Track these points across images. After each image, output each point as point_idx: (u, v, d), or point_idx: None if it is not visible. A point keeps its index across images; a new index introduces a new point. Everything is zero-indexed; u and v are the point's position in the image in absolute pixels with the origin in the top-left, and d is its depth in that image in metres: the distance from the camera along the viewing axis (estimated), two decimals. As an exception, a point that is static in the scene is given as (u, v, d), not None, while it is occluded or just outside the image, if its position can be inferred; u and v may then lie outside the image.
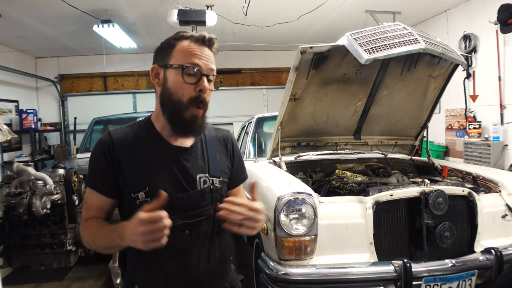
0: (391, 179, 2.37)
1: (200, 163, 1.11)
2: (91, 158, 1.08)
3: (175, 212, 1.01)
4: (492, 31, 4.31)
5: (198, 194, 1.07)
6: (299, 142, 2.79)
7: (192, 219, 1.04)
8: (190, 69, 1.01)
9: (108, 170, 1.03)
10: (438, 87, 2.70)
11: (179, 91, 1.02)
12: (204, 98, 1.04)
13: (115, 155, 1.03)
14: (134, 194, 1.01)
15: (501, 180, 2.22)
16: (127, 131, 1.09)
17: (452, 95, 5.04)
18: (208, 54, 1.06)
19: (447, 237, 1.89)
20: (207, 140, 1.17)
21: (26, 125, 6.22)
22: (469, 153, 4.54)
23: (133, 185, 1.02)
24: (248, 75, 7.83)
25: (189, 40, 1.05)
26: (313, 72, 2.34)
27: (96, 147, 1.07)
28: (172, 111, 1.04)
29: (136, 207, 0.99)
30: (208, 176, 1.10)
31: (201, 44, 1.05)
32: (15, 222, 2.94)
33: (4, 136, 2.54)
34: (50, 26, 5.22)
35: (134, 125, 1.12)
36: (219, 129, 1.25)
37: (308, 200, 1.85)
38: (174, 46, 1.05)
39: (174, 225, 0.97)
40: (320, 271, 1.78)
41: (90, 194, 1.07)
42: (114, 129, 1.11)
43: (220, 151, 1.18)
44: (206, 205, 1.08)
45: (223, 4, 4.63)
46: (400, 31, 2.10)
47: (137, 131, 1.09)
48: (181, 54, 1.03)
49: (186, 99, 1.02)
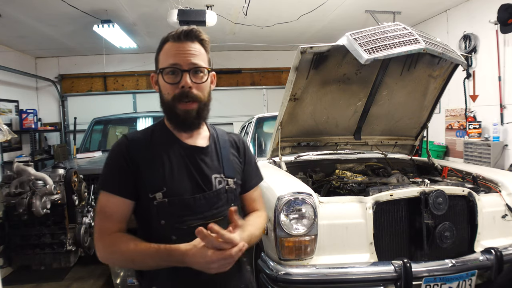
0: (391, 179, 2.37)
1: (215, 163, 1.12)
2: (107, 162, 1.07)
3: (193, 213, 1.03)
4: (492, 31, 4.32)
5: (215, 195, 1.08)
6: (299, 142, 2.79)
7: (209, 219, 1.04)
8: (168, 70, 1.04)
9: (126, 171, 1.03)
10: (438, 87, 2.70)
11: (166, 92, 1.06)
12: (191, 92, 1.04)
13: (133, 157, 1.04)
14: (152, 195, 1.01)
15: (501, 180, 2.22)
16: (142, 133, 1.12)
17: (452, 95, 5.04)
18: (189, 48, 1.06)
19: (447, 237, 1.89)
20: (220, 142, 1.18)
21: (26, 125, 6.22)
22: (469, 153, 4.54)
23: (151, 185, 1.02)
24: (248, 75, 7.83)
25: (170, 41, 1.07)
26: (313, 72, 2.34)
27: (113, 150, 1.08)
28: (166, 111, 1.09)
29: (153, 208, 1.01)
30: (223, 177, 1.11)
31: (182, 40, 1.06)
32: (15, 222, 2.94)
33: (4, 136, 2.54)
34: (50, 26, 5.22)
35: (149, 128, 1.15)
36: (230, 132, 1.28)
37: (308, 200, 1.85)
38: (160, 52, 1.09)
39: (191, 226, 1.00)
40: (320, 271, 1.78)
41: (107, 199, 1.04)
42: (130, 132, 1.14)
43: (233, 153, 1.19)
44: (222, 206, 1.09)
45: (223, 4, 4.63)
46: (400, 31, 2.10)
47: (153, 132, 1.12)
48: (163, 58, 1.07)
49: (171, 97, 1.05)
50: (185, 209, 1.03)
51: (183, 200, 1.03)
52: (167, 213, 1.01)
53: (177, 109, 1.05)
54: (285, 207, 1.83)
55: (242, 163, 1.21)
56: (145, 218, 1.04)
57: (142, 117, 5.26)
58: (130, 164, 1.03)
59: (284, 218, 1.83)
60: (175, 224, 1.02)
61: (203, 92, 1.07)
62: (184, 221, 1.02)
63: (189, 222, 1.02)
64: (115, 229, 1.02)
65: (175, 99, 1.04)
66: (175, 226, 1.02)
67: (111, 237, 1.01)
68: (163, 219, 1.01)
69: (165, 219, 1.01)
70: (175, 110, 1.05)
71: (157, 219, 1.02)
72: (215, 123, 6.03)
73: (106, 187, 1.05)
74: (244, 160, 1.22)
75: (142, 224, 1.08)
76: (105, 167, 1.08)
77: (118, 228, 1.02)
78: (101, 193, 1.05)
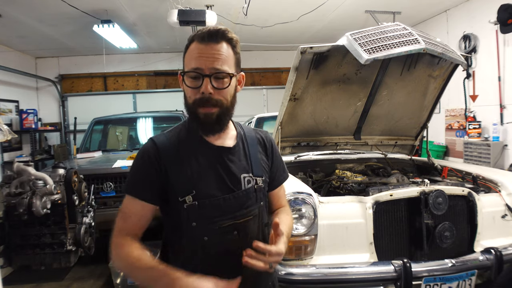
0: (391, 179, 2.38)
1: (243, 162, 1.12)
2: (134, 166, 1.08)
3: (223, 213, 1.04)
4: (492, 31, 4.32)
5: (244, 194, 1.08)
6: (299, 142, 2.79)
7: (239, 219, 1.06)
8: (190, 74, 1.03)
9: (153, 176, 1.03)
10: (438, 87, 2.71)
11: (188, 95, 1.07)
12: (211, 98, 1.03)
13: (161, 161, 1.04)
14: (182, 198, 1.02)
15: (501, 180, 2.22)
16: (169, 135, 1.11)
17: (452, 95, 5.04)
18: (213, 51, 1.02)
19: (447, 237, 1.89)
20: (248, 140, 1.18)
21: (26, 125, 6.22)
22: (469, 153, 4.54)
23: (180, 189, 1.03)
24: (248, 75, 7.76)
25: (195, 41, 1.05)
26: (313, 72, 2.34)
27: (141, 154, 1.08)
28: (189, 113, 1.09)
29: (184, 211, 1.02)
30: (252, 176, 1.11)
31: (206, 41, 1.03)
32: (15, 222, 2.93)
33: (4, 136, 2.54)
34: (50, 26, 5.23)
35: (175, 129, 1.14)
36: (258, 129, 1.27)
37: (308, 200, 1.85)
38: (186, 52, 1.08)
39: (222, 226, 1.03)
40: (320, 271, 1.78)
41: (129, 202, 1.05)
42: (156, 136, 1.12)
43: (261, 151, 1.19)
44: (252, 205, 1.09)
45: (223, 4, 4.63)
46: (400, 31, 2.10)
47: (179, 134, 1.11)
48: (188, 59, 1.06)
49: (192, 101, 1.05)
50: (216, 210, 1.04)
51: (213, 202, 1.03)
52: (197, 215, 1.02)
53: (198, 112, 1.05)
54: (285, 207, 1.83)
55: (270, 160, 1.21)
56: (176, 220, 1.05)
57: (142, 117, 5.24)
58: (159, 171, 1.04)
59: (284, 218, 1.83)
60: (207, 226, 1.03)
61: (225, 96, 1.05)
62: (215, 222, 1.03)
63: (220, 223, 1.03)
64: (131, 231, 1.03)
65: (195, 104, 1.04)
66: (206, 227, 1.03)
67: (123, 239, 1.01)
68: (194, 221, 1.02)
69: (196, 221, 1.02)
70: (196, 113, 1.05)
71: (188, 222, 1.02)
72: (215, 123, 5.87)
73: (130, 190, 1.06)
74: (272, 157, 1.23)
75: (173, 226, 1.09)
76: (131, 170, 1.08)
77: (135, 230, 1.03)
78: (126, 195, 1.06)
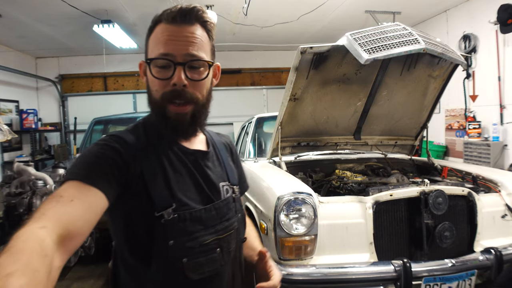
0: (391, 179, 2.38)
1: (218, 169, 0.98)
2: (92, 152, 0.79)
3: (205, 227, 0.86)
4: (492, 31, 4.32)
5: (224, 204, 0.93)
6: (299, 142, 2.79)
7: (222, 234, 0.90)
8: (158, 61, 0.83)
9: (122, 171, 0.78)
10: (438, 87, 2.71)
11: (153, 88, 0.86)
12: (185, 91, 0.83)
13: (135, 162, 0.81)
14: (159, 213, 0.80)
15: (501, 180, 2.22)
16: (134, 135, 0.88)
17: (452, 95, 5.04)
18: (187, 33, 0.83)
19: (447, 237, 1.89)
20: (218, 145, 1.04)
21: (27, 125, 6.22)
22: (469, 153, 4.54)
23: (158, 201, 0.81)
24: (248, 75, 7.83)
25: (162, 22, 0.84)
26: (313, 72, 2.34)
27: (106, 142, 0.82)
28: (155, 112, 0.88)
29: (160, 228, 0.80)
30: (229, 184, 0.98)
31: (178, 22, 0.83)
32: (15, 222, 2.94)
33: (4, 136, 2.54)
34: (50, 26, 5.22)
35: (138, 128, 0.91)
36: (221, 134, 1.13)
37: (308, 200, 1.85)
38: (150, 35, 0.87)
39: (204, 243, 0.85)
40: (320, 271, 1.78)
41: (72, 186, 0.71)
42: (120, 132, 0.88)
43: (229, 157, 1.07)
44: (232, 217, 0.94)
45: (223, 4, 4.63)
46: (400, 31, 2.11)
47: (148, 134, 0.90)
48: (153, 44, 0.85)
49: (159, 96, 0.84)
50: (197, 223, 0.85)
51: (194, 214, 0.85)
52: (177, 231, 0.81)
53: (167, 111, 0.85)
54: (285, 207, 1.83)
55: (236, 167, 1.09)
56: (143, 241, 0.81)
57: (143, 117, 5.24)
58: (128, 170, 0.79)
59: (284, 218, 1.83)
60: (186, 243, 0.82)
61: (201, 91, 0.87)
62: (196, 238, 0.84)
63: (201, 239, 0.85)
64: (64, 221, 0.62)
65: (164, 99, 0.84)
66: (186, 246, 0.82)
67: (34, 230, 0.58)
68: (172, 239, 0.80)
69: (174, 238, 0.81)
70: (165, 112, 0.85)
71: (164, 240, 0.80)
72: (215, 123, 6.05)
73: (81, 176, 0.73)
74: (237, 163, 1.11)
75: (134, 249, 0.83)
76: (83, 156, 0.79)
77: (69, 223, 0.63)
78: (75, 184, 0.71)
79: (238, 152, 3.94)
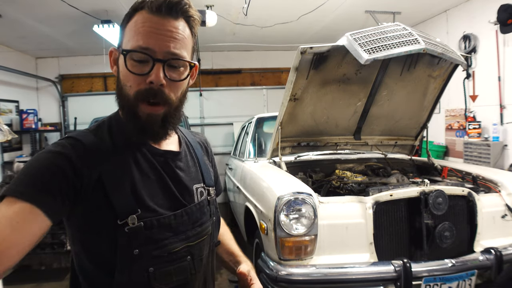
0: (391, 179, 2.38)
1: (192, 170, 0.92)
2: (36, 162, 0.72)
3: (174, 234, 0.80)
4: (492, 31, 4.32)
5: (197, 209, 0.87)
6: (299, 142, 2.79)
7: (194, 240, 0.84)
8: (136, 54, 0.75)
9: (71, 184, 0.71)
10: (438, 87, 2.71)
11: (127, 83, 0.78)
12: (161, 91, 0.77)
13: (90, 167, 0.74)
14: (122, 221, 0.73)
15: (500, 180, 2.22)
16: (98, 134, 0.81)
17: (452, 95, 5.04)
18: (171, 28, 0.76)
19: (447, 237, 1.89)
20: (192, 144, 0.98)
21: (27, 125, 6.22)
22: (469, 153, 4.54)
23: (120, 208, 0.74)
24: (248, 75, 7.83)
25: (144, 10, 0.77)
26: (313, 72, 2.34)
27: (55, 150, 0.74)
28: (124, 108, 0.81)
29: (124, 236, 0.74)
30: (204, 186, 0.92)
31: (162, 14, 0.76)
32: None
33: (4, 136, 2.54)
34: (50, 26, 5.23)
35: (102, 127, 0.84)
36: (195, 132, 1.08)
37: (308, 200, 1.85)
38: (128, 21, 0.79)
39: (173, 251, 0.79)
40: (320, 271, 1.78)
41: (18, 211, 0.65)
42: (80, 133, 0.80)
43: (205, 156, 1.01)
44: (206, 222, 0.89)
45: (223, 4, 4.63)
46: (400, 31, 2.11)
47: (112, 134, 0.83)
48: (131, 33, 0.77)
49: (133, 92, 0.77)
50: (165, 230, 0.78)
51: (162, 221, 0.78)
52: (142, 240, 0.75)
53: (138, 110, 0.78)
54: (285, 207, 1.83)
55: (212, 166, 1.03)
56: (104, 250, 0.75)
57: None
58: (81, 179, 0.72)
59: (284, 218, 1.83)
60: (153, 252, 0.77)
61: (176, 92, 0.80)
62: (165, 246, 0.78)
63: (170, 247, 0.79)
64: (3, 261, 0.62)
65: (138, 97, 0.77)
66: (153, 255, 0.77)
67: None
68: (137, 248, 0.75)
69: (139, 247, 0.75)
70: (135, 111, 0.78)
71: (128, 250, 0.74)
72: (215, 123, 6.05)
73: (20, 192, 0.67)
74: (212, 163, 1.05)
75: (97, 259, 0.77)
76: (28, 167, 0.72)
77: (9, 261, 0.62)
78: (9, 200, 0.66)
79: (238, 152, 3.96)
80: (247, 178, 2.61)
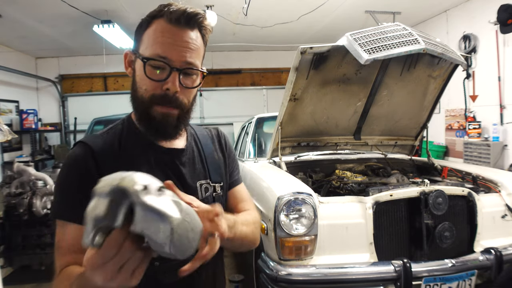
0: (391, 179, 2.38)
1: (198, 166, 0.95)
2: (61, 180, 0.83)
3: None
4: (492, 31, 4.32)
5: None
6: (299, 142, 2.79)
7: None
8: (154, 62, 0.81)
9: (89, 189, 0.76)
10: (438, 87, 2.71)
11: (142, 87, 0.84)
12: (176, 97, 0.83)
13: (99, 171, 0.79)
14: None
15: (500, 180, 2.22)
16: (107, 138, 0.88)
17: (452, 95, 5.04)
18: (188, 39, 0.82)
19: (447, 237, 1.89)
20: (201, 139, 1.01)
21: (27, 125, 6.22)
22: (469, 153, 4.54)
23: None
24: (248, 75, 7.83)
25: (163, 19, 0.82)
26: (313, 72, 2.34)
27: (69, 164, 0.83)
28: (137, 109, 0.87)
29: None
30: (210, 182, 0.94)
31: (181, 25, 0.81)
32: (15, 222, 2.94)
33: (4, 136, 2.54)
34: (50, 27, 5.23)
35: (113, 129, 0.92)
36: (208, 127, 1.11)
37: (308, 200, 1.85)
38: (147, 28, 0.84)
39: None
40: (320, 271, 1.78)
41: (63, 230, 0.78)
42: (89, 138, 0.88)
43: (216, 148, 1.03)
44: None
45: (223, 5, 4.63)
46: (400, 31, 2.11)
47: (120, 135, 0.89)
48: (150, 41, 0.82)
49: (149, 96, 0.83)
50: None
51: None
52: None
53: (153, 110, 0.83)
54: (285, 207, 1.83)
55: (227, 157, 1.05)
56: None
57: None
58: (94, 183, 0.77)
59: (284, 218, 1.83)
60: None
61: (188, 97, 0.87)
62: None
63: None
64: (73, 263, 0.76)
65: (153, 100, 0.83)
66: None
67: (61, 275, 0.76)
68: None
69: None
70: (150, 111, 0.84)
71: None
72: (215, 123, 6.05)
73: (61, 214, 0.80)
74: (229, 153, 1.07)
75: None
76: (58, 187, 0.83)
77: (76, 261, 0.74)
78: (57, 222, 0.80)
79: (238, 152, 3.96)
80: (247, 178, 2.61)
